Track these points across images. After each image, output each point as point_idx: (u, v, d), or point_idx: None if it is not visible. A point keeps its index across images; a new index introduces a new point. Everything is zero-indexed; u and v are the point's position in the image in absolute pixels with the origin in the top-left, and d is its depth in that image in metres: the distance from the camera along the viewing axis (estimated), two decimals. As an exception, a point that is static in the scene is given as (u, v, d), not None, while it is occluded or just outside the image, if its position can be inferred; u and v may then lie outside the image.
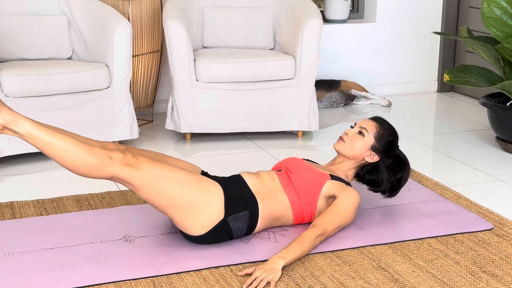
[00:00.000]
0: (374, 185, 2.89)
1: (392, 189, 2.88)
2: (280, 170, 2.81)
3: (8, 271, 2.42)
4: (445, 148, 4.00)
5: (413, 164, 3.56)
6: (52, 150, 2.39)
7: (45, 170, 3.57)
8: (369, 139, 2.81)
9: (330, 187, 2.73)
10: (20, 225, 2.82)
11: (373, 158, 2.82)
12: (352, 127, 2.88)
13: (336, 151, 2.88)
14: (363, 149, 2.82)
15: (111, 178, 2.47)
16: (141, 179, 2.47)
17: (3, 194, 3.24)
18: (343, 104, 4.98)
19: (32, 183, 3.41)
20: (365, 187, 2.95)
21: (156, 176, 2.49)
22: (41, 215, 2.94)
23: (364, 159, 2.84)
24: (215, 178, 2.73)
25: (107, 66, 3.78)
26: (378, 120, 2.87)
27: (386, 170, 2.83)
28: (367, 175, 2.88)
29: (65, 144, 2.39)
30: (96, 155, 2.41)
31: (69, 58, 4.07)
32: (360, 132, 2.83)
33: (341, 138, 2.86)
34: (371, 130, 2.82)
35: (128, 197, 3.14)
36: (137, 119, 4.37)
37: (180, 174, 2.53)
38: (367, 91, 5.03)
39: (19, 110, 3.50)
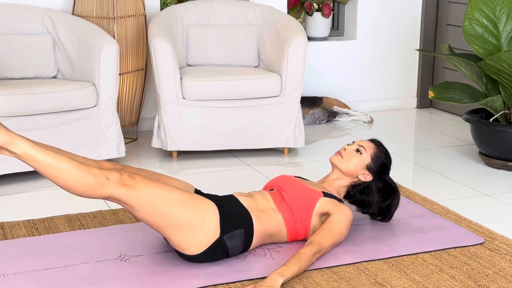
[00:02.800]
0: (364, 206, 2.94)
1: (381, 214, 2.97)
2: (273, 189, 2.83)
3: (5, 293, 2.39)
4: (430, 163, 4.06)
5: (399, 180, 3.62)
6: (48, 170, 2.38)
7: (32, 190, 3.54)
8: (366, 158, 2.87)
9: (323, 204, 2.76)
10: (13, 246, 2.79)
11: (367, 177, 2.87)
12: (349, 144, 2.93)
13: (332, 164, 2.91)
14: (358, 166, 2.86)
15: (107, 198, 2.46)
16: (138, 199, 2.47)
17: (-9, 214, 3.21)
18: (325, 121, 5.02)
19: (20, 203, 3.38)
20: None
21: (153, 196, 2.48)
22: (33, 235, 2.92)
23: (357, 177, 2.88)
24: (208, 196, 2.74)
25: (93, 84, 3.78)
26: (376, 142, 2.95)
27: (376, 192, 2.88)
28: (358, 194, 2.92)
29: (61, 164, 2.38)
30: (92, 175, 2.41)
31: (54, 77, 4.05)
32: (358, 150, 2.88)
33: (339, 152, 2.91)
34: (369, 150, 2.88)
35: (119, 216, 3.13)
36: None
37: (176, 194, 2.53)
38: (349, 108, 5.09)
39: (7, 129, 3.48)
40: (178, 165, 4.03)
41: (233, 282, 2.49)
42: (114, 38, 4.12)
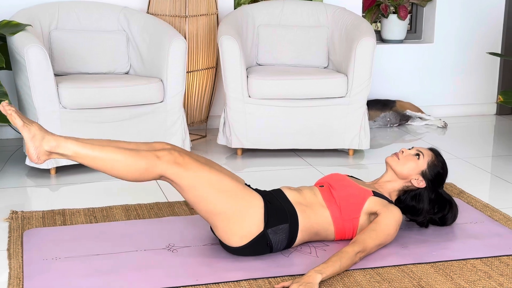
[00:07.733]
0: (413, 213, 2.88)
1: (433, 224, 2.93)
2: (323, 186, 2.82)
3: (53, 275, 2.49)
4: (501, 171, 3.91)
5: (465, 186, 3.52)
6: (100, 164, 2.46)
7: (98, 180, 3.66)
8: (423, 163, 2.82)
9: (372, 203, 2.73)
10: (70, 232, 2.90)
11: (420, 183, 2.82)
12: (408, 149, 2.90)
13: (387, 164, 2.88)
14: (413, 170, 2.82)
15: (160, 178, 2.51)
16: (188, 180, 2.50)
17: (57, 202, 3.34)
18: (397, 124, 4.94)
19: (84, 193, 3.50)
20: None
21: (203, 179, 2.51)
22: (91, 222, 3.03)
23: (410, 182, 2.83)
24: (256, 190, 2.75)
25: (161, 81, 3.87)
26: (435, 151, 2.91)
27: (428, 202, 2.82)
28: (408, 199, 2.87)
29: (111, 155, 2.45)
30: (143, 157, 2.46)
31: (127, 73, 4.18)
32: (417, 154, 2.84)
33: (396, 154, 2.88)
34: (427, 157, 2.85)
35: (175, 209, 3.19)
36: (191, 134, 4.46)
37: (226, 181, 2.56)
38: (422, 112, 4.99)
39: (76, 122, 3.63)
40: (242, 163, 4.07)
41: (274, 277, 2.49)
42: (185, 36, 4.21)
